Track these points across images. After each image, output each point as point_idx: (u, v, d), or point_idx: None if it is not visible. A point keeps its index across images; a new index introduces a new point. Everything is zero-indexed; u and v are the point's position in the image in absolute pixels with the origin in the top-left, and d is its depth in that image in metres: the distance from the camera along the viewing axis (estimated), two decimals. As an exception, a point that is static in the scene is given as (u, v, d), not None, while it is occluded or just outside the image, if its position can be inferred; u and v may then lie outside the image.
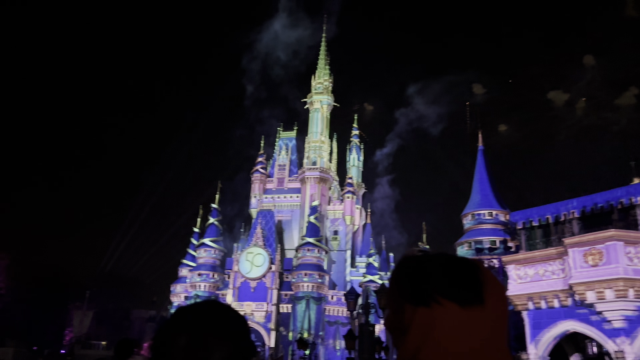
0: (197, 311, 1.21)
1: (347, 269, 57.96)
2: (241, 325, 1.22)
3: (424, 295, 1.43)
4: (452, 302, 1.37)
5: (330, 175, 62.27)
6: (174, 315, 1.22)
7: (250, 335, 1.23)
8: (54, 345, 60.28)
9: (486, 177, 28.64)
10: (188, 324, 1.17)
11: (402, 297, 1.53)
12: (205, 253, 52.70)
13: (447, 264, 1.51)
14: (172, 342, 1.14)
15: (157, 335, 1.20)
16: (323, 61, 68.31)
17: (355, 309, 19.92)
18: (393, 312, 1.62)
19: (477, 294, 1.39)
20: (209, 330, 1.15)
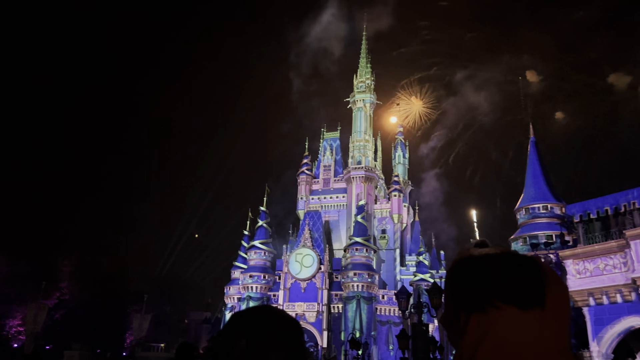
0: (254, 315, 1.26)
1: (396, 268, 57.49)
2: (296, 328, 1.27)
3: (479, 301, 1.40)
4: (511, 305, 1.34)
5: (375, 173, 61.95)
6: (232, 319, 1.27)
7: (304, 339, 1.28)
8: (116, 348, 62.97)
9: (539, 169, 27.68)
10: (246, 328, 1.22)
11: (456, 302, 1.51)
12: (255, 255, 53.64)
13: (505, 264, 1.48)
14: (231, 346, 1.19)
15: (216, 338, 1.26)
16: (364, 59, 68.08)
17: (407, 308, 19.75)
18: (448, 313, 1.62)
19: (538, 295, 1.35)
20: (267, 333, 1.20)
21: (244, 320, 1.24)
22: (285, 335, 1.22)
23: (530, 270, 1.39)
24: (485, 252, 1.63)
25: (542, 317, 1.30)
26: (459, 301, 1.47)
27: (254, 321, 1.23)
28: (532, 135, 29.87)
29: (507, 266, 1.41)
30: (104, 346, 62.23)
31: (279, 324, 1.23)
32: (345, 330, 47.19)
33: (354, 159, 61.68)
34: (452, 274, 1.64)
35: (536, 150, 28.60)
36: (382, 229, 60.30)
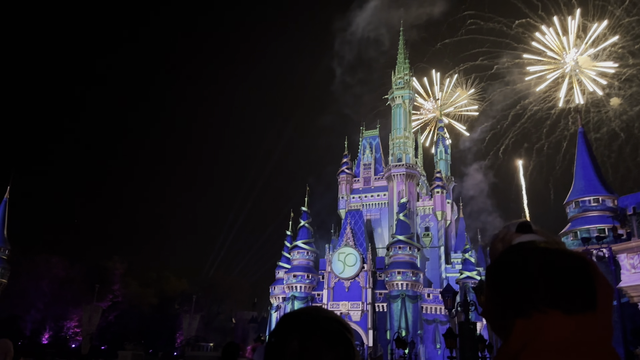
0: (305, 316, 1.28)
1: (442, 266, 56.64)
2: (346, 329, 1.28)
3: (525, 306, 1.35)
4: (559, 311, 1.30)
5: (416, 170, 61.22)
6: (283, 321, 1.29)
7: (354, 339, 1.29)
8: (167, 347, 64.87)
9: (589, 160, 26.62)
10: (298, 329, 1.23)
11: (500, 306, 1.48)
12: (298, 255, 54.05)
13: (552, 263, 1.42)
14: (283, 347, 1.21)
15: (269, 339, 1.27)
16: (402, 55, 67.40)
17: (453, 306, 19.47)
18: (491, 309, 1.59)
19: (589, 300, 1.30)
20: (319, 335, 1.22)
21: (295, 322, 1.26)
22: (336, 336, 1.23)
23: (580, 272, 1.33)
24: (528, 245, 1.56)
25: (591, 322, 1.27)
26: (503, 304, 1.45)
27: (305, 322, 1.25)
28: (580, 126, 28.76)
29: (554, 267, 1.36)
30: (155, 346, 64.25)
31: (329, 325, 1.25)
32: (390, 329, 46.89)
33: (394, 156, 61.15)
34: (495, 272, 1.60)
35: (585, 141, 27.52)
36: (426, 226, 59.51)
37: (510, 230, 1.68)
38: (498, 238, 1.70)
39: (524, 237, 1.62)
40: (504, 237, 1.64)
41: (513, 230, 1.68)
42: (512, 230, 1.67)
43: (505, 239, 1.65)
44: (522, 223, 1.69)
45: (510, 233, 1.63)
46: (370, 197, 61.87)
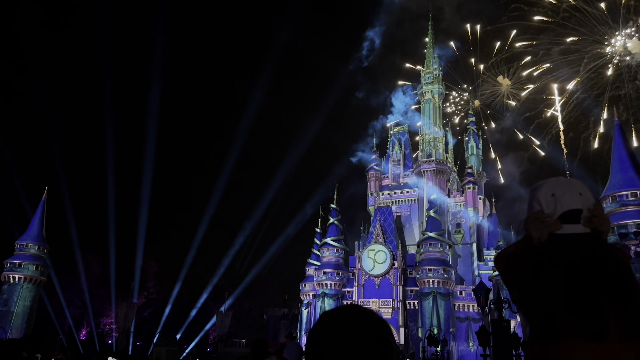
0: (344, 315, 1.26)
1: (474, 263, 55.79)
2: (386, 329, 1.26)
3: (551, 331, 1.38)
4: (581, 339, 1.36)
5: (447, 166, 60.43)
6: (323, 319, 1.27)
7: (394, 339, 1.27)
8: (200, 343, 66.00)
9: (625, 154, 25.75)
10: (339, 327, 1.22)
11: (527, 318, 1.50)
12: (328, 252, 54.10)
13: (582, 288, 1.41)
14: (324, 345, 1.21)
15: (309, 337, 1.28)
16: (431, 50, 66.59)
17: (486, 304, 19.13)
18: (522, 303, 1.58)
19: (600, 330, 1.34)
20: (360, 333, 1.21)
21: (335, 320, 1.25)
22: (378, 336, 1.22)
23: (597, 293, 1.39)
24: (568, 249, 1.49)
25: (621, 347, 1.36)
26: (532, 326, 1.46)
27: (347, 321, 1.24)
28: (616, 118, 27.83)
29: (580, 295, 1.38)
30: (188, 342, 65.43)
31: (367, 324, 1.24)
32: (422, 327, 46.49)
33: (423, 152, 60.52)
34: (528, 273, 1.54)
35: (621, 134, 26.63)
36: (457, 223, 58.71)
37: (556, 211, 1.58)
38: (539, 221, 1.61)
39: (569, 228, 1.54)
40: (544, 220, 1.55)
41: (561, 212, 1.58)
42: (561, 208, 1.58)
43: (545, 224, 1.55)
44: (571, 212, 1.56)
45: (555, 222, 1.54)
46: (400, 193, 61.41)
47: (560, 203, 1.58)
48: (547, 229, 1.56)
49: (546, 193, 1.64)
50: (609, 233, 1.64)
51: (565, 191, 1.61)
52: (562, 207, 1.57)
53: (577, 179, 1.69)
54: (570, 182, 1.67)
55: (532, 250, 1.58)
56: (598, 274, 1.48)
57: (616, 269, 1.51)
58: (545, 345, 1.47)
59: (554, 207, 1.59)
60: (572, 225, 1.56)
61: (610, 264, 1.52)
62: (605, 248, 1.58)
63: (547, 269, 1.52)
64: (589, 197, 1.63)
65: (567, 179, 1.68)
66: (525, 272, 1.58)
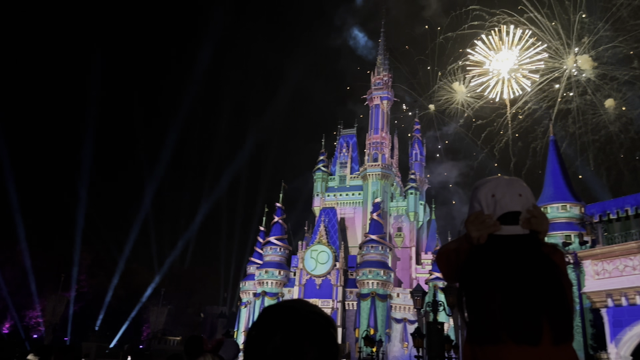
0: (288, 310, 1.22)
1: (412, 266, 57.25)
2: (330, 324, 1.25)
3: (490, 336, 1.42)
4: (514, 342, 1.41)
5: (392, 171, 61.70)
6: (265, 314, 1.23)
7: (337, 335, 1.25)
8: (133, 340, 63.86)
9: (559, 168, 27.27)
10: (281, 324, 1.18)
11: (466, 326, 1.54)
12: (271, 251, 53.87)
13: (518, 294, 1.44)
14: (265, 342, 1.16)
15: (249, 334, 1.22)
16: (382, 56, 67.74)
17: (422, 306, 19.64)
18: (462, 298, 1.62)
19: (533, 334, 1.38)
20: (303, 330, 1.17)
21: (277, 315, 1.21)
22: (320, 331, 1.19)
23: (536, 307, 1.44)
24: (504, 255, 1.51)
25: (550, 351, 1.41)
26: (469, 329, 1.50)
27: (289, 316, 1.19)
28: (552, 134, 29.50)
29: (516, 299, 1.41)
30: (120, 339, 63.17)
31: (313, 320, 1.20)
32: (359, 328, 47.17)
33: (370, 156, 61.51)
34: (469, 273, 1.56)
35: (555, 149, 28.19)
36: (398, 226, 60.08)
37: (497, 213, 1.59)
38: (480, 221, 1.61)
39: (508, 230, 1.55)
40: (482, 220, 1.56)
41: (500, 213, 1.58)
42: (501, 209, 1.58)
43: (484, 224, 1.56)
44: (509, 214, 1.56)
45: (494, 224, 1.55)
46: (345, 195, 62.09)
47: (500, 204, 1.60)
48: (486, 230, 1.58)
49: (487, 194, 1.65)
50: (546, 233, 1.66)
51: (506, 192, 1.62)
52: (502, 208, 1.59)
53: (519, 179, 1.71)
54: (511, 182, 1.68)
55: (472, 250, 1.60)
56: (533, 278, 1.50)
57: (551, 273, 1.53)
58: (483, 348, 1.49)
59: (494, 208, 1.60)
60: (511, 227, 1.58)
61: (546, 267, 1.54)
62: (542, 250, 1.60)
63: (484, 271, 1.54)
64: (529, 198, 1.65)
65: (508, 179, 1.69)
66: (464, 273, 1.60)
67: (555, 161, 27.80)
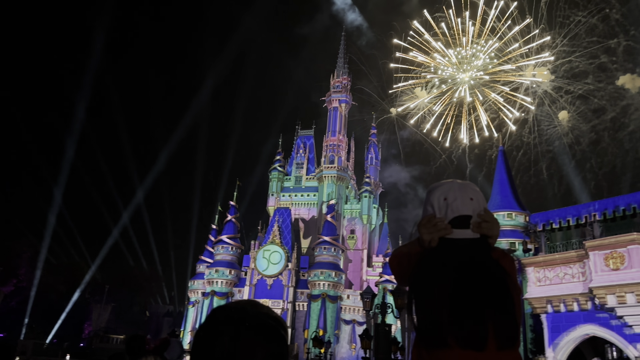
0: (236, 310, 1.19)
1: (363, 269, 57.91)
2: (281, 326, 1.22)
3: (436, 340, 1.42)
4: (461, 348, 1.41)
5: (347, 174, 62.23)
6: (214, 314, 1.20)
7: (287, 336, 1.22)
8: (73, 338, 61.37)
9: (506, 178, 28.28)
10: (229, 324, 1.15)
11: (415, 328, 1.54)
12: (222, 250, 53.10)
13: (465, 300, 1.44)
14: (213, 342, 1.13)
15: (197, 335, 1.18)
16: (342, 60, 68.24)
17: (371, 308, 19.84)
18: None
19: (479, 339, 1.39)
20: (252, 331, 1.14)
21: (226, 316, 1.18)
22: (269, 332, 1.17)
23: (477, 305, 1.43)
24: (454, 258, 1.52)
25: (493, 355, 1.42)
26: (417, 332, 1.49)
27: (237, 317, 1.16)
28: (501, 145, 30.57)
29: (462, 304, 1.41)
30: (61, 336, 60.58)
31: (263, 321, 1.17)
32: (308, 329, 47.23)
33: (326, 157, 61.82)
34: (418, 278, 1.56)
35: (504, 159, 29.24)
36: (351, 229, 60.67)
37: (449, 215, 1.60)
38: (432, 224, 1.61)
39: (459, 233, 1.56)
40: (435, 224, 1.56)
41: (452, 216, 1.59)
42: (453, 213, 1.59)
43: (436, 228, 1.56)
44: (461, 218, 1.57)
45: (445, 227, 1.56)
46: (301, 196, 62.13)
47: (451, 208, 1.61)
48: (438, 233, 1.58)
49: (439, 197, 1.66)
50: (496, 237, 1.67)
51: (458, 196, 1.64)
52: (453, 212, 1.60)
53: (471, 183, 1.71)
54: (464, 186, 1.69)
55: (423, 253, 1.60)
56: (481, 283, 1.51)
57: (499, 278, 1.54)
58: (430, 352, 1.49)
59: (446, 212, 1.61)
60: (462, 230, 1.59)
61: (494, 272, 1.55)
62: (491, 255, 1.62)
63: (433, 275, 1.54)
64: (480, 203, 1.66)
65: (460, 183, 1.70)
66: (414, 277, 1.60)
67: (503, 170, 28.79)
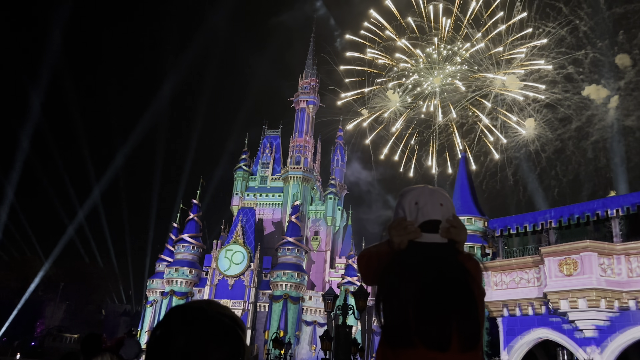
0: (194, 310, 1.19)
1: (326, 270, 58.06)
2: (237, 325, 1.21)
3: (401, 340, 1.45)
4: (426, 348, 1.44)
5: (313, 175, 62.31)
6: (170, 314, 1.19)
7: (245, 336, 1.21)
8: (25, 337, 59.07)
9: (467, 184, 28.91)
10: (186, 324, 1.15)
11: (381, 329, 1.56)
12: (183, 249, 52.20)
13: (430, 301, 1.48)
14: (170, 342, 1.13)
15: (153, 334, 1.17)
16: (311, 61, 68.32)
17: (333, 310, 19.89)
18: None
19: (443, 340, 1.44)
20: (208, 331, 1.14)
21: (183, 316, 1.17)
22: (226, 332, 1.17)
23: (443, 307, 1.44)
24: (423, 259, 1.56)
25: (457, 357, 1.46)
26: (383, 332, 1.51)
27: (194, 317, 1.16)
28: (462, 151, 31.27)
29: (428, 306, 1.44)
30: (11, 334, 58.21)
31: (220, 321, 1.17)
32: (269, 330, 46.99)
33: (293, 158, 61.72)
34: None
35: (465, 166, 29.89)
36: (316, 230, 60.74)
37: (416, 221, 1.65)
38: (402, 228, 1.66)
39: (427, 237, 1.61)
40: (404, 228, 1.61)
41: (421, 221, 1.65)
42: (421, 218, 1.64)
43: (406, 230, 1.61)
44: (431, 222, 1.63)
45: (415, 230, 1.61)
46: (266, 196, 61.79)
47: (422, 212, 1.67)
48: (407, 236, 1.63)
49: (410, 201, 1.72)
50: (464, 243, 1.73)
51: (428, 201, 1.70)
52: (424, 216, 1.66)
53: (441, 189, 1.77)
54: (434, 192, 1.75)
55: (392, 255, 1.64)
56: (447, 286, 1.56)
57: (464, 281, 1.60)
58: (395, 351, 1.52)
59: (416, 216, 1.67)
60: (431, 235, 1.65)
61: (460, 275, 1.61)
62: (458, 259, 1.67)
63: (402, 277, 1.58)
64: (450, 209, 1.73)
65: (431, 189, 1.76)
66: (382, 277, 1.63)
67: (464, 176, 29.44)
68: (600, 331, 17.40)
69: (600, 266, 17.31)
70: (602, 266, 17.33)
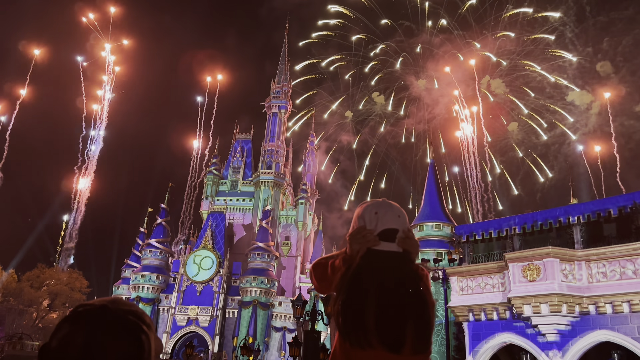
0: (94, 308, 1.19)
1: (296, 275, 57.87)
2: (144, 322, 1.21)
3: (361, 341, 1.52)
4: (384, 349, 1.54)
5: (284, 180, 62.15)
6: (71, 313, 1.20)
7: (147, 334, 1.21)
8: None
9: (435, 190, 29.36)
10: (85, 322, 1.16)
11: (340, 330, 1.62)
12: (150, 254, 51.22)
13: (387, 305, 1.59)
14: (67, 341, 1.14)
15: (53, 334, 1.18)
16: (283, 66, 68.31)
17: (302, 315, 19.83)
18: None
19: (398, 343, 1.50)
20: (106, 329, 1.15)
21: (83, 314, 1.18)
22: (124, 328, 1.17)
23: (400, 311, 1.60)
24: (380, 265, 1.65)
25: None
26: (342, 334, 1.56)
27: (93, 315, 1.17)
28: (431, 158, 31.80)
29: (387, 311, 1.59)
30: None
31: (122, 318, 1.18)
32: (237, 336, 46.51)
33: (264, 163, 61.46)
34: (349, 288, 1.65)
35: (434, 172, 30.36)
36: (286, 235, 60.51)
37: (375, 229, 1.73)
38: (361, 237, 1.75)
39: (385, 246, 1.70)
40: (364, 236, 1.70)
41: (380, 229, 1.74)
42: (380, 226, 1.73)
43: (367, 239, 1.70)
44: (388, 231, 1.73)
45: (373, 238, 1.70)
46: (236, 201, 61.28)
47: (381, 221, 1.77)
48: (366, 244, 1.70)
49: (371, 211, 1.82)
50: (417, 254, 1.84)
51: (387, 211, 1.82)
52: (383, 224, 1.76)
53: (396, 204, 1.88)
54: (392, 205, 1.87)
55: (350, 261, 1.73)
56: (405, 292, 1.67)
57: (419, 289, 1.70)
58: (353, 353, 1.60)
59: (376, 224, 1.75)
60: (389, 243, 1.75)
61: (415, 284, 1.71)
62: (412, 268, 1.78)
63: (361, 283, 1.67)
64: (405, 221, 1.85)
65: (389, 202, 1.88)
66: (342, 283, 1.71)
67: (433, 183, 29.89)
68: (562, 335, 17.85)
69: (562, 272, 17.78)
70: (563, 272, 17.80)
